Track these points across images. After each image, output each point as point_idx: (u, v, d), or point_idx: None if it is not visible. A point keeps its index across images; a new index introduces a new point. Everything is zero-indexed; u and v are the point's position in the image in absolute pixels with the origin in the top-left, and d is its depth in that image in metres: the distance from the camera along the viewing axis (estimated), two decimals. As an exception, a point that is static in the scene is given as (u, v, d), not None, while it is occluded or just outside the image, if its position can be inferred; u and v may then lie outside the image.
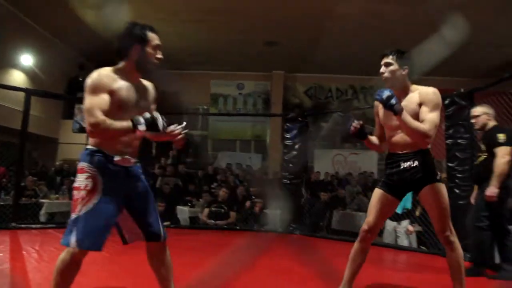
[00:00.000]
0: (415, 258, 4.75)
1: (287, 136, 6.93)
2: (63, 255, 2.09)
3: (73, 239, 2.03)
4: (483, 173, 3.75)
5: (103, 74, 2.12)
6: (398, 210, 5.65)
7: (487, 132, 3.82)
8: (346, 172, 10.42)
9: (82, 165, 2.13)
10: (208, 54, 11.47)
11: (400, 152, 2.69)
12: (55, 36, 10.55)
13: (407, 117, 2.47)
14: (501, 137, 3.63)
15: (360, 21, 8.83)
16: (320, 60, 11.22)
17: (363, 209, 7.20)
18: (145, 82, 2.37)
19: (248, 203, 7.50)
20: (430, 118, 2.51)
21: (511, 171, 3.66)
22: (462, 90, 4.93)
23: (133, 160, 2.25)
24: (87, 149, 2.17)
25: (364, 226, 2.73)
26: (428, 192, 2.61)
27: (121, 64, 2.22)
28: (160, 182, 8.46)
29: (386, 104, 2.43)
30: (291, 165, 6.81)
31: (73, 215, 2.07)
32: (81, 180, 2.11)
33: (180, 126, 2.28)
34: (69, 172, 9.19)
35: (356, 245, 2.75)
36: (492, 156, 3.67)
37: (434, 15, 8.23)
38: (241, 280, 3.23)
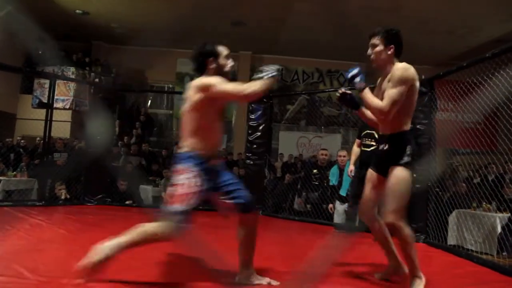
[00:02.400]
0: (363, 238, 4.90)
1: (252, 117, 6.93)
2: (154, 228, 2.46)
3: (182, 228, 2.45)
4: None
5: None
6: (342, 193, 5.90)
7: None
8: (310, 155, 10.56)
9: (185, 165, 2.55)
10: (175, 32, 11.24)
11: (382, 133, 2.76)
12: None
13: (367, 94, 2.54)
14: None
15: (327, 5, 8.85)
16: (287, 42, 11.22)
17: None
18: None
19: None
20: (389, 94, 2.50)
21: None
22: (423, 77, 5.05)
23: (220, 160, 2.76)
24: (186, 152, 2.59)
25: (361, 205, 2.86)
26: (388, 173, 2.63)
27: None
28: (123, 161, 8.33)
29: (350, 81, 2.51)
30: (254, 146, 6.84)
31: (178, 206, 2.47)
32: (186, 178, 2.52)
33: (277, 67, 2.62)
34: (26, 148, 8.86)
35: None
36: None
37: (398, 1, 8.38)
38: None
